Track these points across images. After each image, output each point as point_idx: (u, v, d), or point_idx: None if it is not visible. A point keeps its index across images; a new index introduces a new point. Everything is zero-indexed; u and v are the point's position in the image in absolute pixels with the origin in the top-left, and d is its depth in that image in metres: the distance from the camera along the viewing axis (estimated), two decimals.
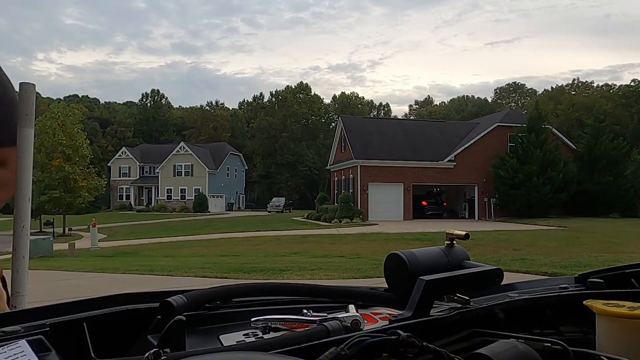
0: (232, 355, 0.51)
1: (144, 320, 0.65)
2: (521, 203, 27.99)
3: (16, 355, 0.49)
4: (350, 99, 74.69)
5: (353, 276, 8.63)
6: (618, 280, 0.94)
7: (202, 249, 15.36)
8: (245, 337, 0.64)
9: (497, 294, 0.85)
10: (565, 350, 0.58)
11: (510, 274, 7.35)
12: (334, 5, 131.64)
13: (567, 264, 9.59)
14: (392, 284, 0.79)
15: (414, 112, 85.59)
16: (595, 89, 62.83)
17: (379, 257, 10.22)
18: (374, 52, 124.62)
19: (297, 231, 22.36)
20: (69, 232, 31.88)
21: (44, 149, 29.39)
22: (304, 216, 35.23)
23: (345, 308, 0.70)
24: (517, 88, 77.02)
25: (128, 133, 71.74)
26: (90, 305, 0.67)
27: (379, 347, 0.53)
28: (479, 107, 70.58)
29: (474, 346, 0.60)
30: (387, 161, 30.09)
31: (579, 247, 13.56)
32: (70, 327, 0.60)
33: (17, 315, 0.62)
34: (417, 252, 0.76)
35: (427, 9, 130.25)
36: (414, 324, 0.64)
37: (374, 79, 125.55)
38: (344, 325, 0.62)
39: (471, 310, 0.71)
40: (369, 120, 37.41)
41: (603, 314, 0.66)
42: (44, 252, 16.06)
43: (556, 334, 0.76)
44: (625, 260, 7.63)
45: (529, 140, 28.58)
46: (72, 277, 10.03)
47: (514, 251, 12.63)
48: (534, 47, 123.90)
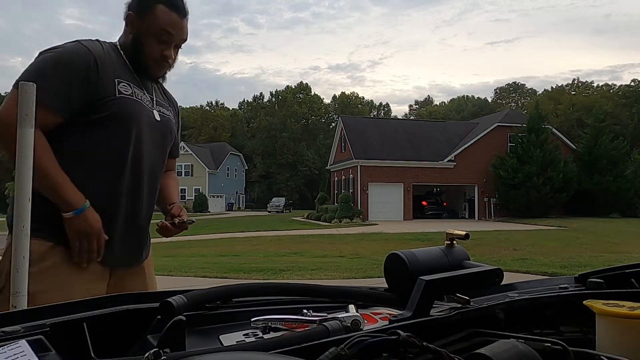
0: (232, 355, 0.51)
1: (144, 320, 0.65)
2: (521, 203, 27.97)
3: (16, 355, 0.49)
4: (350, 99, 74.66)
5: (353, 276, 8.62)
6: (618, 280, 0.94)
7: (202, 248, 15.35)
8: (245, 337, 0.64)
9: (497, 294, 0.85)
10: (565, 350, 0.58)
11: (510, 274, 7.35)
12: (334, 5, 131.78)
13: (567, 264, 9.58)
14: (392, 284, 0.79)
15: (414, 112, 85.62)
16: (595, 89, 62.85)
17: (379, 257, 10.21)
18: (373, 52, 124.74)
19: (297, 231, 22.34)
20: None
21: None
22: (304, 216, 35.21)
23: (345, 308, 0.70)
24: (517, 88, 77.02)
25: None
26: (90, 305, 0.67)
27: (379, 347, 0.53)
28: (479, 107, 70.58)
29: (474, 346, 0.60)
30: (387, 161, 30.07)
31: (578, 247, 13.54)
32: (70, 327, 0.60)
33: (17, 315, 0.62)
34: (417, 252, 0.76)
35: (427, 9, 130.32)
36: (414, 324, 0.64)
37: (374, 79, 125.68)
38: (344, 325, 0.62)
39: (471, 310, 0.71)
40: (369, 120, 37.38)
41: (603, 314, 0.66)
42: None
43: (556, 334, 0.76)
44: (625, 260, 7.63)
45: (529, 140, 28.56)
46: None
47: (514, 251, 12.61)
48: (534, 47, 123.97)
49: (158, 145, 1.63)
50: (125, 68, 1.55)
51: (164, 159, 1.69)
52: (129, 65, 1.57)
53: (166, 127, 1.67)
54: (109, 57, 1.51)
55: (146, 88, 1.62)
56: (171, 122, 1.71)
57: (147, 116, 1.56)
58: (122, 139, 1.49)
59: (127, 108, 1.49)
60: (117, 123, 1.48)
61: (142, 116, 1.54)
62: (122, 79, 1.51)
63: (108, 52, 1.53)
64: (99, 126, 1.47)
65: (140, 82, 1.59)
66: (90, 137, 1.47)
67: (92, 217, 1.43)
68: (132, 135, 1.51)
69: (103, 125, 1.47)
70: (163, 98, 1.74)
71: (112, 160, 1.48)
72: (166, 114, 1.69)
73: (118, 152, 1.49)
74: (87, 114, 1.45)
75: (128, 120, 1.49)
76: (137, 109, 1.53)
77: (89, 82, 1.43)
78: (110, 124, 1.47)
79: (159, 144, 1.64)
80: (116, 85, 1.49)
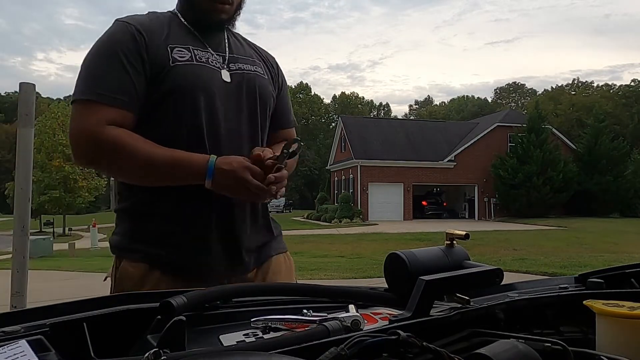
0: (232, 355, 0.51)
1: (144, 320, 0.65)
2: (521, 203, 27.97)
3: (16, 355, 0.49)
4: (350, 99, 74.64)
5: (353, 276, 8.62)
6: (618, 280, 0.94)
7: None
8: (245, 337, 0.64)
9: (497, 294, 0.85)
10: (565, 350, 0.58)
11: (510, 274, 7.35)
12: (334, 5, 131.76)
13: (567, 264, 9.58)
14: (392, 284, 0.79)
15: (414, 112, 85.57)
16: (595, 89, 62.85)
17: (379, 257, 10.21)
18: (373, 52, 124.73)
19: (297, 231, 22.33)
20: (69, 232, 31.88)
21: (44, 149, 29.38)
22: (304, 216, 35.21)
23: (345, 308, 0.70)
24: (517, 88, 77.01)
25: None
26: (90, 305, 0.67)
27: (379, 347, 0.53)
28: (479, 107, 70.54)
29: (474, 346, 0.60)
30: (387, 161, 30.07)
31: (578, 247, 13.54)
32: (70, 327, 0.60)
33: (17, 315, 0.62)
34: (417, 252, 0.76)
35: (427, 9, 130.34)
36: (414, 324, 0.64)
37: (374, 79, 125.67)
38: (344, 325, 0.62)
39: (471, 310, 0.71)
40: (369, 120, 37.39)
41: (603, 314, 0.66)
42: (44, 252, 16.04)
43: (556, 334, 0.76)
44: (625, 260, 7.63)
45: (529, 140, 28.55)
46: (72, 277, 10.02)
47: (514, 251, 12.61)
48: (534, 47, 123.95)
49: (239, 111, 1.32)
50: (182, 30, 1.31)
51: (254, 128, 1.35)
52: (189, 27, 1.32)
53: (246, 87, 1.34)
54: (158, 25, 1.29)
55: (215, 46, 1.34)
56: (256, 79, 1.37)
57: (216, 80, 1.29)
58: (190, 115, 1.24)
59: (185, 76, 1.24)
60: (179, 97, 1.24)
61: (208, 81, 1.27)
62: (177, 44, 1.27)
63: (156, 20, 1.31)
64: (162, 107, 1.24)
65: (206, 42, 1.33)
66: (157, 122, 1.24)
67: (227, 164, 1.17)
68: (200, 107, 1.25)
69: (165, 104, 1.24)
70: (245, 52, 1.42)
71: (187, 144, 1.22)
72: (247, 70, 1.37)
73: (190, 133, 1.24)
74: (148, 97, 1.23)
75: (189, 90, 1.24)
76: (199, 74, 1.26)
77: (141, 58, 1.22)
78: (172, 100, 1.24)
79: (239, 109, 1.32)
80: (169, 53, 1.25)
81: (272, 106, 1.43)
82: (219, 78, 1.30)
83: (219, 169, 1.16)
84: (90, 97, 1.18)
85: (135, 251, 1.24)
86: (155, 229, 1.24)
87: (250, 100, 1.34)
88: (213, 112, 1.27)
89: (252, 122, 1.34)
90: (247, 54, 1.42)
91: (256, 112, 1.35)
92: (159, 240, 1.23)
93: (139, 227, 1.26)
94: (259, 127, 1.36)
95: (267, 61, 1.48)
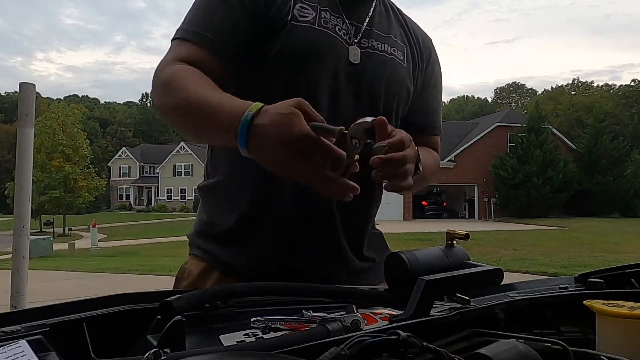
0: (232, 355, 0.51)
1: (144, 320, 0.64)
2: (521, 203, 27.98)
3: (16, 355, 0.49)
4: None
5: None
6: (618, 280, 0.94)
7: None
8: (245, 337, 0.64)
9: (497, 294, 0.85)
10: (565, 350, 0.58)
11: (510, 274, 7.35)
12: None
13: (567, 264, 9.58)
14: (392, 284, 0.79)
15: None
16: (595, 89, 62.94)
17: None
18: None
19: None
20: (69, 232, 31.88)
21: (44, 149, 29.41)
22: None
23: (345, 308, 0.70)
24: (517, 88, 77.08)
25: (128, 133, 71.88)
26: (90, 305, 0.66)
27: (379, 347, 0.53)
28: (479, 107, 70.62)
29: (474, 346, 0.60)
30: None
31: (579, 247, 13.54)
32: (70, 327, 0.60)
33: (17, 315, 0.62)
34: (417, 252, 0.76)
35: (427, 9, 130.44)
36: (414, 324, 0.64)
37: None
38: (344, 325, 0.62)
39: (471, 310, 0.71)
40: None
41: (603, 314, 0.66)
42: (44, 252, 16.05)
43: (556, 334, 0.76)
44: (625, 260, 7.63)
45: (529, 140, 28.57)
46: (72, 277, 10.03)
47: (514, 251, 12.62)
48: (534, 47, 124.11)
49: (357, 105, 1.01)
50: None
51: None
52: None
53: (372, 74, 1.02)
54: None
55: (352, 12, 1.04)
56: (388, 66, 1.05)
57: (339, 57, 1.00)
58: (299, 92, 0.80)
59: (299, 43, 0.96)
60: (289, 66, 0.96)
61: (330, 55, 0.98)
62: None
63: None
64: (267, 73, 0.97)
65: (341, 5, 1.02)
66: (256, 90, 0.94)
67: (275, 121, 0.72)
68: (312, 86, 0.97)
69: (271, 71, 0.97)
70: (388, 28, 1.09)
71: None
72: (381, 50, 1.05)
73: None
74: (256, 47, 0.96)
75: (304, 60, 0.97)
76: (319, 44, 0.97)
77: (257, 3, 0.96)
78: (281, 68, 0.97)
79: (359, 102, 1.01)
80: (290, 8, 0.96)
81: (406, 103, 1.11)
82: (345, 56, 1.00)
83: (261, 132, 0.73)
84: (178, 36, 0.97)
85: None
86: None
87: (373, 92, 1.03)
88: (334, 95, 0.98)
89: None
90: (389, 31, 1.09)
91: (378, 108, 1.03)
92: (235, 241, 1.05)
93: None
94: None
95: (415, 45, 1.14)
